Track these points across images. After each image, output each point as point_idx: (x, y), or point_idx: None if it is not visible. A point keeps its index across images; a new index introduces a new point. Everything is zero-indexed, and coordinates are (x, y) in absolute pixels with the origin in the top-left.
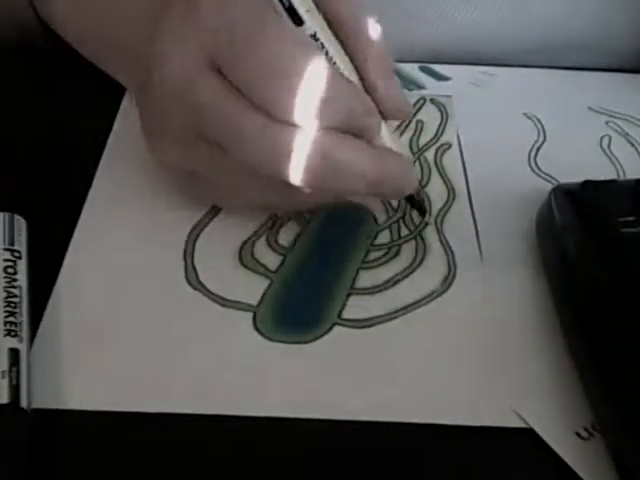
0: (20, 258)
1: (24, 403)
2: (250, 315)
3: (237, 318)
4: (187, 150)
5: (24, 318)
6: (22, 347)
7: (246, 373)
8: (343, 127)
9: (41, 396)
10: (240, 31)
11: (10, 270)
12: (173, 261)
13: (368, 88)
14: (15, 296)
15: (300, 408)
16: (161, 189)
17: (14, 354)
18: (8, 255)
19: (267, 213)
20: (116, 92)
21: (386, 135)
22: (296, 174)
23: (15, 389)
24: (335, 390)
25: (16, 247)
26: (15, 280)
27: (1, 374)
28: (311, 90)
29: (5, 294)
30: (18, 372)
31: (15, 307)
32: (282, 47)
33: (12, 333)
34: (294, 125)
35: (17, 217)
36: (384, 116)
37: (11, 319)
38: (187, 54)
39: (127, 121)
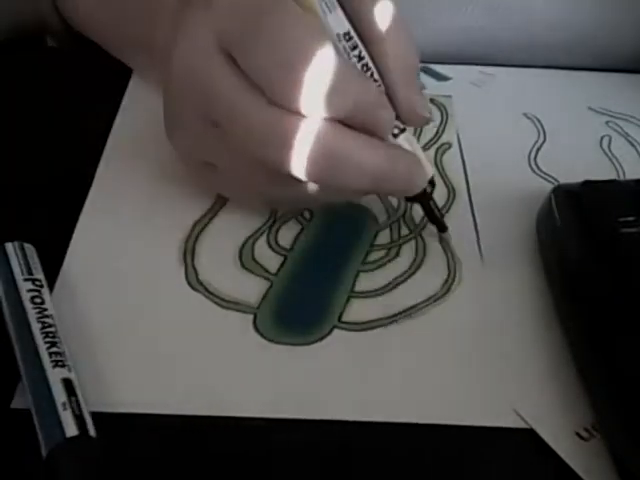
0: (42, 287)
1: (92, 432)
2: (250, 317)
3: (237, 319)
4: (197, 136)
5: (64, 346)
6: (72, 376)
7: (246, 374)
8: (352, 120)
9: None
10: (250, 16)
11: (37, 300)
12: (173, 261)
13: (387, 90)
14: (50, 325)
15: (300, 410)
16: (161, 189)
17: (68, 384)
18: (30, 285)
19: (268, 212)
20: (116, 94)
21: (404, 138)
22: (297, 164)
23: (80, 419)
24: (335, 392)
25: (35, 276)
26: (45, 309)
27: (62, 406)
28: (317, 78)
29: (40, 325)
30: (78, 401)
31: (54, 337)
32: (291, 33)
33: (60, 363)
34: (299, 114)
35: (27, 245)
36: (402, 121)
37: (54, 349)
38: (198, 39)
39: (127, 121)
